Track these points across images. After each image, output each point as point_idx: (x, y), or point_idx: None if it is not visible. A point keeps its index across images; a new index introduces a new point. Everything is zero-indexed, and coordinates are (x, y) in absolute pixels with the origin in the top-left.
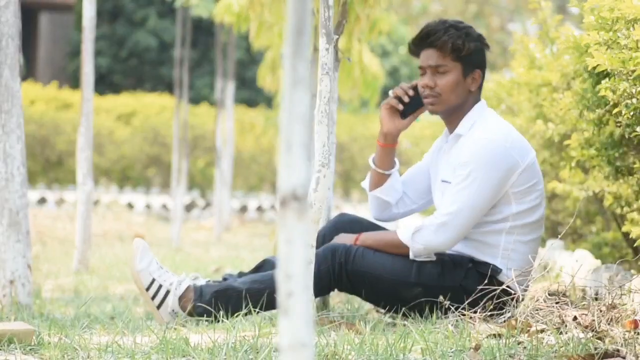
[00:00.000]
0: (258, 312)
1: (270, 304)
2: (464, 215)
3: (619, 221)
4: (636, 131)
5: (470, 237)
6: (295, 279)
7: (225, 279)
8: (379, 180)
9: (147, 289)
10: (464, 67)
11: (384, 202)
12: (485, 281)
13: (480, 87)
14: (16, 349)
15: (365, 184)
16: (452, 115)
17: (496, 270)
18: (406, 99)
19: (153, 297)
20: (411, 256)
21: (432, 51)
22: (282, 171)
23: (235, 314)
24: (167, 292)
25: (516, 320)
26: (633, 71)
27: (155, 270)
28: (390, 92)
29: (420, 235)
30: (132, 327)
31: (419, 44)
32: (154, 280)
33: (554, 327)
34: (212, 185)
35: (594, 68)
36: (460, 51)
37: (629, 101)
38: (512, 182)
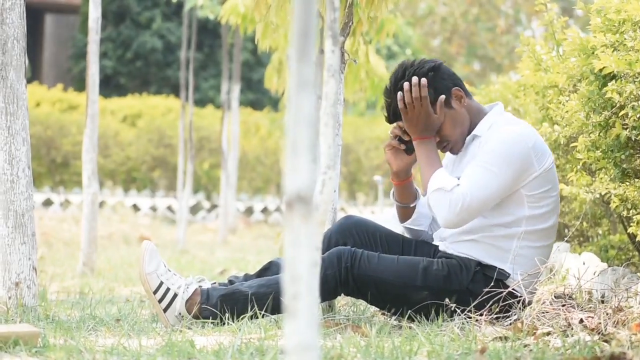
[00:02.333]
0: (264, 315)
1: (277, 308)
2: (477, 203)
3: (625, 224)
4: None
5: (483, 241)
6: (301, 280)
7: (231, 282)
8: (406, 212)
9: (155, 292)
10: (443, 102)
11: (417, 231)
12: (492, 284)
13: (467, 94)
14: (22, 351)
15: (394, 214)
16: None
17: (504, 275)
18: (406, 137)
19: (160, 300)
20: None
21: None
22: (288, 173)
23: (241, 317)
24: (175, 296)
25: (522, 323)
26: (639, 73)
27: (163, 273)
28: (390, 132)
29: (436, 197)
30: (138, 330)
31: (395, 120)
32: (161, 283)
33: (560, 329)
34: (217, 188)
35: (601, 70)
36: (430, 98)
37: (635, 103)
38: (525, 184)
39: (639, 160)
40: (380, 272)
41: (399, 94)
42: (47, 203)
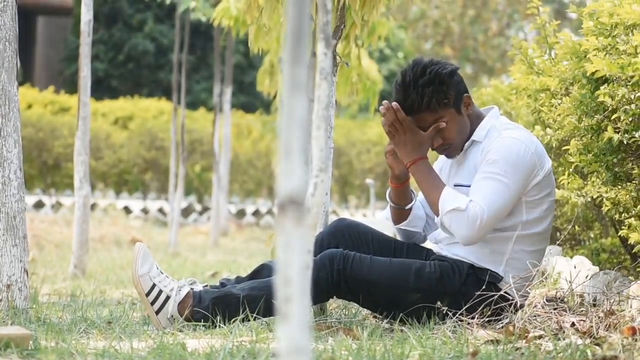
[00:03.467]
0: (256, 318)
1: (269, 311)
2: (493, 216)
3: (617, 227)
4: (635, 137)
5: (478, 244)
6: (293, 283)
7: (222, 284)
8: (402, 214)
9: (147, 294)
10: (455, 107)
11: (412, 233)
12: (484, 287)
13: (472, 102)
14: (13, 353)
15: (387, 216)
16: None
17: (497, 278)
18: None
19: (153, 302)
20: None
21: (422, 115)
22: (280, 176)
23: (233, 320)
24: (167, 298)
25: (514, 326)
26: (632, 77)
27: (156, 275)
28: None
29: (452, 217)
30: (129, 332)
31: (408, 115)
32: (154, 285)
33: (552, 333)
34: (209, 190)
35: (593, 74)
36: (447, 101)
37: (627, 107)
38: (527, 190)
39: (630, 164)
40: (372, 274)
41: (382, 120)
42: (39, 205)
